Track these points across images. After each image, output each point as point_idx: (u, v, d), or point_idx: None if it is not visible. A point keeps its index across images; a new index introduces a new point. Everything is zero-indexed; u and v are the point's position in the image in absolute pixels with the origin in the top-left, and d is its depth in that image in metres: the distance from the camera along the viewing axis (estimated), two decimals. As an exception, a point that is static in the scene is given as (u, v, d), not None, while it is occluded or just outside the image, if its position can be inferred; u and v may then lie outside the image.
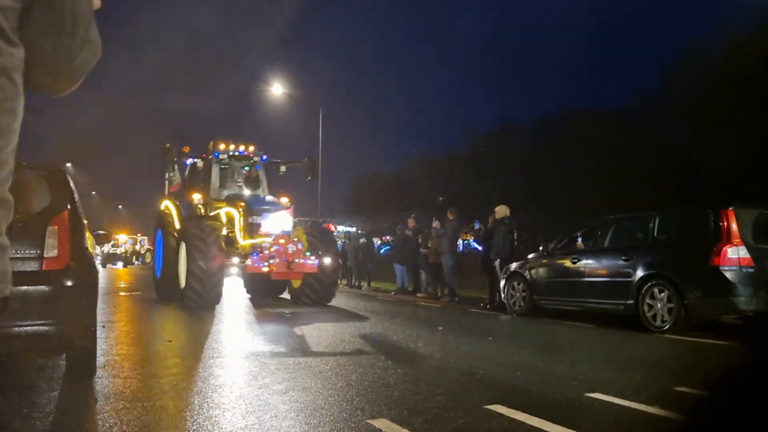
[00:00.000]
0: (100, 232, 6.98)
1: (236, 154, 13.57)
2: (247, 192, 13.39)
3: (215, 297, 11.07)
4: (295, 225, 12.39)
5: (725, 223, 7.99)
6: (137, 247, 48.47)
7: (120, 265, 42.72)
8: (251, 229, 12.14)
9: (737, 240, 7.86)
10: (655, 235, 8.90)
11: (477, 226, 13.99)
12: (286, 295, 14.08)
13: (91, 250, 5.11)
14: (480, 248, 13.71)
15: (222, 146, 13.40)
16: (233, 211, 12.55)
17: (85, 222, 5.10)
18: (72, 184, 5.07)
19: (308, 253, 11.90)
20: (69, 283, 4.51)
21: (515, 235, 12.32)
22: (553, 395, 4.64)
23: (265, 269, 11.44)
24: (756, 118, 14.08)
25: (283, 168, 14.37)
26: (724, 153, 14.77)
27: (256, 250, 11.71)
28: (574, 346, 7.68)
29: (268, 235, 11.81)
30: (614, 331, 8.66)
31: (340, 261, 15.43)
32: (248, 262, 11.60)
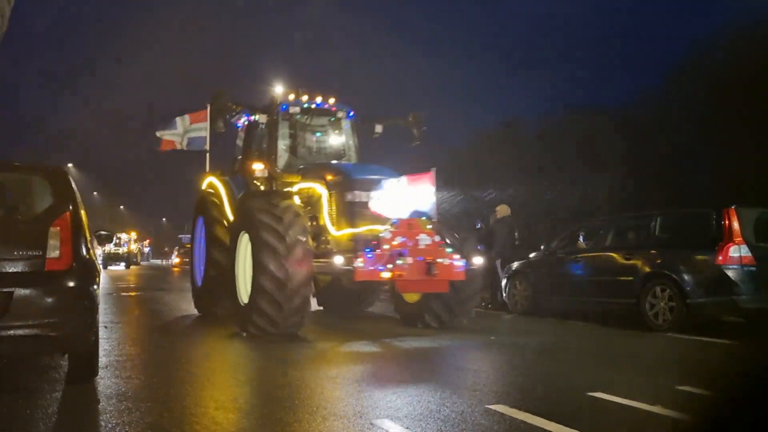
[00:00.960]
0: (102, 232, 6.97)
1: (313, 107, 9.51)
2: (332, 160, 9.55)
3: (298, 318, 7.24)
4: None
5: (727, 222, 8.00)
6: (132, 246, 46.28)
7: (122, 266, 40.93)
8: (352, 213, 8.07)
9: (739, 239, 7.86)
10: (657, 234, 8.90)
11: (478, 225, 13.93)
12: (373, 310, 10.76)
13: (91, 253, 5.11)
14: (480, 248, 13.65)
15: (292, 97, 9.54)
16: (316, 186, 8.53)
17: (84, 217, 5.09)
18: (74, 184, 5.08)
19: (450, 250, 7.70)
20: (71, 284, 4.51)
21: (516, 234, 12.32)
22: (555, 394, 4.64)
23: (387, 275, 7.32)
24: (760, 118, 14.10)
25: (378, 127, 10.14)
26: (727, 153, 14.79)
27: (368, 245, 7.53)
28: (576, 345, 7.68)
29: (385, 220, 7.77)
30: (616, 330, 8.66)
31: None
32: (358, 263, 7.25)
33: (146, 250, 69.11)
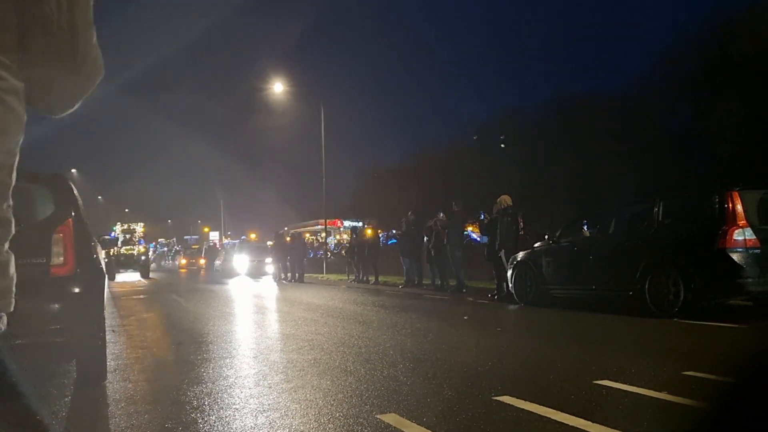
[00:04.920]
0: (107, 237, 6.98)
1: None
2: None
3: None
4: None
5: (730, 205, 7.97)
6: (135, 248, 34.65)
7: (137, 275, 29.72)
8: None
9: (743, 222, 7.84)
10: (660, 219, 8.88)
11: (482, 216, 13.95)
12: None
13: (95, 258, 5.13)
14: (478, 240, 13.70)
15: None
16: None
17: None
18: (75, 191, 5.10)
19: None
20: (76, 290, 4.54)
21: (520, 224, 12.32)
22: (561, 384, 4.64)
23: None
24: (755, 100, 14.05)
25: None
26: (724, 135, 14.75)
27: None
28: (582, 334, 7.68)
29: None
30: (622, 317, 8.65)
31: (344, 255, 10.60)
32: None
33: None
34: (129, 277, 28.07)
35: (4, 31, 1.02)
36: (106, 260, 23.96)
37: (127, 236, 32.83)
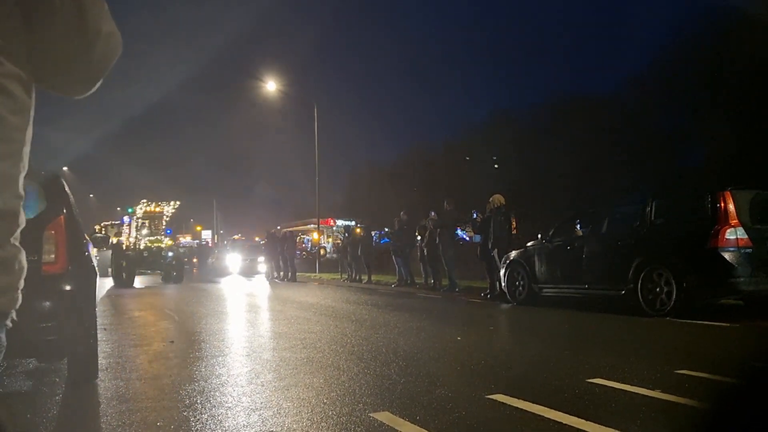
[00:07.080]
0: (98, 234, 6.93)
1: None
2: None
3: None
4: None
5: (722, 205, 8.00)
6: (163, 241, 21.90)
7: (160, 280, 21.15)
8: None
9: (735, 221, 7.87)
10: (653, 219, 8.91)
11: (474, 215, 13.96)
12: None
13: (87, 256, 5.10)
14: (468, 239, 13.72)
15: None
16: None
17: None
18: (67, 188, 5.07)
19: None
20: (67, 288, 4.52)
21: (513, 223, 12.33)
22: (554, 382, 4.65)
23: None
24: (747, 101, 14.14)
25: None
26: (718, 135, 14.84)
27: None
28: (575, 332, 7.70)
29: None
30: (614, 316, 8.68)
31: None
32: None
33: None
34: (146, 281, 21.18)
35: (2, 12, 0.98)
36: (125, 262, 19.42)
37: (146, 222, 21.99)
